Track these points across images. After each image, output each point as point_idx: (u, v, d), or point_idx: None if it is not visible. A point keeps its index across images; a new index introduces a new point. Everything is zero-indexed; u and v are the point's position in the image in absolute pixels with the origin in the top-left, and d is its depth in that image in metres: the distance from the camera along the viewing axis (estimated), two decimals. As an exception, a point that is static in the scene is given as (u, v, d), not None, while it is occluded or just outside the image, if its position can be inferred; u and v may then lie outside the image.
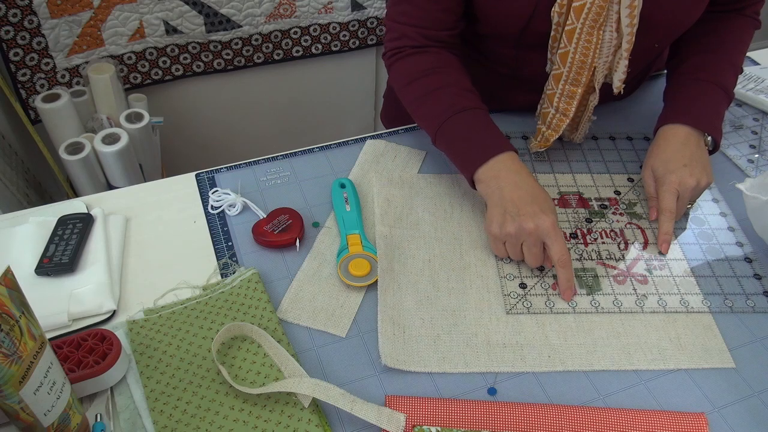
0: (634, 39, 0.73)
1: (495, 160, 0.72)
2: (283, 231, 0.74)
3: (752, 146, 0.91)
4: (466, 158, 0.75)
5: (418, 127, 0.88)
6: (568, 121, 0.80)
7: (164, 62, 1.54)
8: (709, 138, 0.81)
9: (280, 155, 0.87)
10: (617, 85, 0.78)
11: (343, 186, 0.80)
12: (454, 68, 0.80)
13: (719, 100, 0.81)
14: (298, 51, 1.67)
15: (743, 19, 0.85)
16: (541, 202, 0.70)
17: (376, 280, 0.70)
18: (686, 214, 0.81)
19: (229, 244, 0.75)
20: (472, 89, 0.79)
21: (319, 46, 1.68)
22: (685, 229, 0.79)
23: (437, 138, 0.78)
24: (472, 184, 0.75)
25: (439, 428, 0.57)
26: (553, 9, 0.73)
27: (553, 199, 0.81)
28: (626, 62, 0.75)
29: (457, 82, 0.78)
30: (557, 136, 0.83)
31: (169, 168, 1.65)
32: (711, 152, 0.82)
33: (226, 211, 0.79)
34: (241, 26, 1.55)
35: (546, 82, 0.81)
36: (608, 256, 0.75)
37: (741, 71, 0.85)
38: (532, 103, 0.86)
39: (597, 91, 0.79)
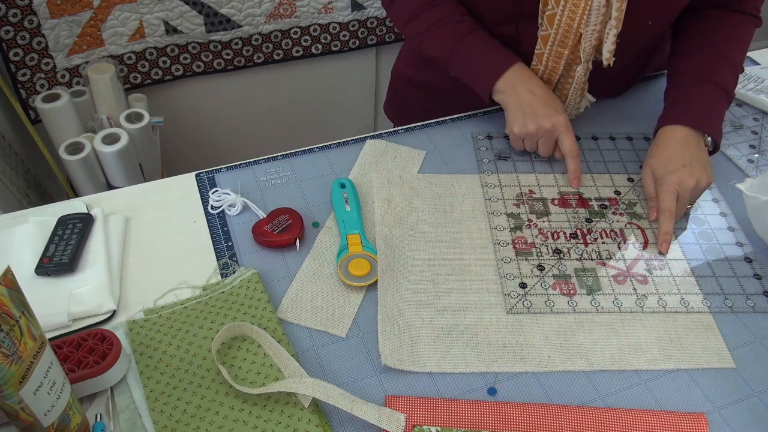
0: (624, 7, 0.73)
1: (509, 72, 0.83)
2: (283, 231, 0.74)
3: (752, 146, 0.91)
4: (483, 76, 0.84)
5: (428, 56, 0.91)
6: (556, 77, 0.84)
7: (164, 62, 1.55)
8: (709, 138, 0.81)
9: (280, 155, 0.87)
10: (606, 56, 0.78)
11: (343, 186, 0.80)
12: (447, 2, 0.86)
13: (719, 101, 0.81)
14: (298, 51, 1.67)
15: (743, 17, 0.85)
16: (554, 104, 0.81)
17: (376, 280, 0.70)
18: (686, 214, 0.81)
19: (229, 244, 0.75)
20: (467, 12, 0.86)
21: (319, 46, 1.68)
22: (685, 229, 0.79)
23: (450, 65, 0.86)
24: (488, 97, 0.85)
25: (439, 428, 0.57)
26: None
27: (553, 200, 0.81)
28: (616, 32, 0.76)
29: (454, 11, 0.85)
30: None
31: (169, 168, 1.65)
32: (711, 153, 0.82)
33: (226, 211, 0.79)
34: (241, 26, 1.55)
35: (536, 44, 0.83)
36: (608, 256, 0.75)
37: (742, 70, 0.85)
38: None
39: (585, 63, 0.80)
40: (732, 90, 0.82)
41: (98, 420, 0.57)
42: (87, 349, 0.59)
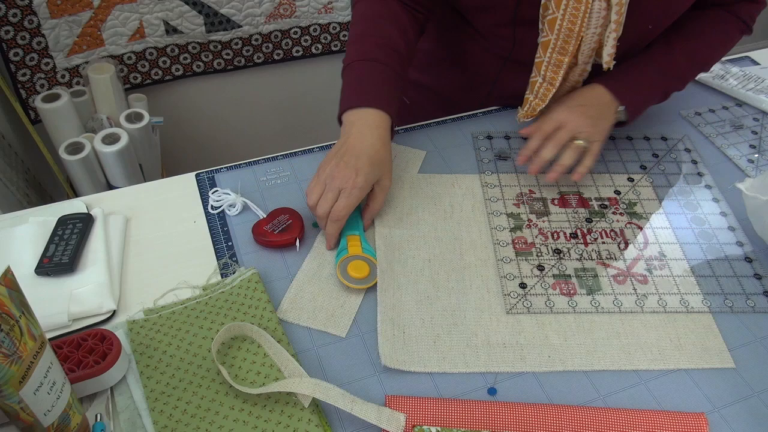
0: (624, 11, 0.73)
1: (362, 110, 0.74)
2: (283, 231, 0.74)
3: (752, 146, 0.91)
4: (344, 99, 0.76)
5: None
6: (554, 90, 0.82)
7: (164, 62, 1.55)
8: (622, 108, 0.82)
9: (280, 155, 0.87)
10: (606, 60, 0.78)
11: None
12: (395, 24, 0.80)
13: (654, 83, 0.83)
14: (298, 51, 1.67)
15: (733, 24, 0.85)
16: (364, 163, 0.70)
17: (376, 283, 0.70)
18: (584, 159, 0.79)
19: (229, 244, 0.75)
20: (398, 49, 0.79)
21: (319, 46, 1.68)
22: (685, 228, 0.79)
23: (343, 73, 0.79)
24: (340, 123, 0.77)
25: (439, 428, 0.57)
26: None
27: (553, 200, 0.81)
28: (616, 35, 0.76)
29: (386, 36, 0.79)
30: (543, 106, 0.84)
31: (169, 168, 1.66)
32: (622, 124, 0.84)
33: (226, 211, 0.79)
34: (241, 26, 1.55)
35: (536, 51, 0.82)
36: (608, 256, 0.75)
37: (707, 70, 0.87)
38: None
39: (583, 65, 0.80)
40: (673, 81, 0.85)
41: (98, 420, 0.57)
42: (87, 349, 0.59)
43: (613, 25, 0.74)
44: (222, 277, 0.71)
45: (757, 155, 0.90)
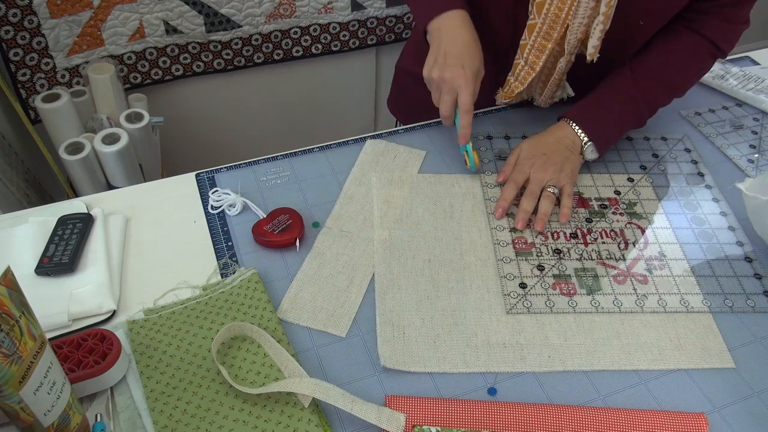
0: (614, 5, 0.73)
1: (444, 15, 0.79)
2: (283, 231, 0.74)
3: (752, 146, 0.91)
4: (422, 13, 0.82)
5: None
6: (534, 74, 0.82)
7: (164, 62, 1.55)
8: (589, 143, 0.82)
9: (280, 155, 0.87)
10: (590, 52, 0.78)
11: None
12: None
13: (624, 115, 0.84)
14: (298, 51, 1.67)
15: (705, 50, 0.84)
16: (466, 58, 0.77)
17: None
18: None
19: (229, 244, 0.75)
20: None
21: (319, 46, 1.68)
22: (686, 228, 0.79)
23: None
24: (425, 37, 0.83)
25: (439, 428, 0.57)
26: None
27: (553, 199, 0.81)
28: (603, 28, 0.76)
29: None
30: (522, 89, 0.85)
31: (169, 168, 1.65)
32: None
33: (226, 211, 0.79)
34: (241, 26, 1.55)
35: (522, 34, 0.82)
36: (608, 256, 0.75)
37: (679, 96, 0.87)
38: None
39: (568, 55, 0.80)
40: (644, 111, 0.85)
41: (98, 420, 0.57)
42: (87, 349, 0.59)
43: (601, 17, 0.74)
44: (222, 277, 0.71)
45: (757, 155, 0.90)
